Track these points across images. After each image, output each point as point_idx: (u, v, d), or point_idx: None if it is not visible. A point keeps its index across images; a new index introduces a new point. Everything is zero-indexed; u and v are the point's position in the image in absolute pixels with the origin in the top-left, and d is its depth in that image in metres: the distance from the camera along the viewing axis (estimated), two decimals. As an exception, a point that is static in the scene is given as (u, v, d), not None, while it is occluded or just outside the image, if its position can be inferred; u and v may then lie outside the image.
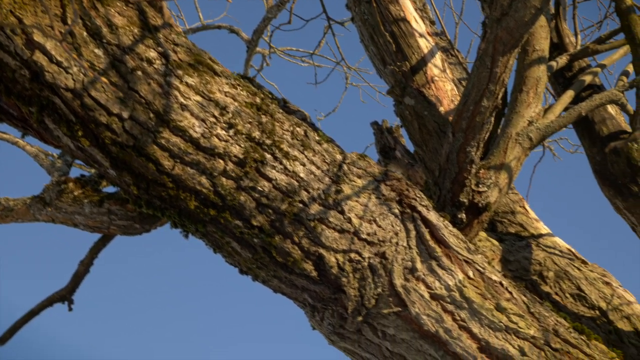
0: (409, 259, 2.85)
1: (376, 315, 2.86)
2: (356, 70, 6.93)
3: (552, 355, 2.83)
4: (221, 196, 2.64)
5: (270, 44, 6.84)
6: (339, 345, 3.03)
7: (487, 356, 2.81)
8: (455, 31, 6.29)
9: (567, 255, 3.77)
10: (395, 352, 2.90)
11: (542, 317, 2.91)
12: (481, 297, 2.87)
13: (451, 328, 2.83)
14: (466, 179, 3.19)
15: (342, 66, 6.91)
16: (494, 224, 3.91)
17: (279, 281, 2.84)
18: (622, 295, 3.70)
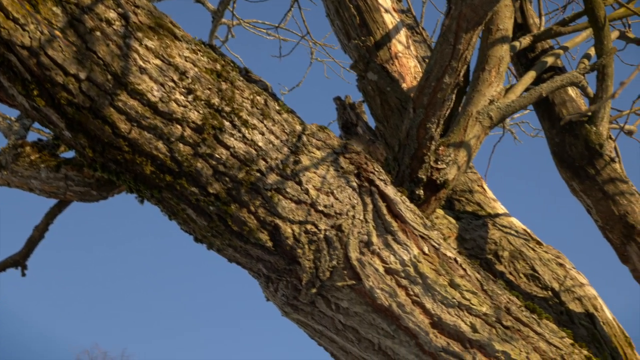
0: (365, 232, 2.85)
1: (330, 287, 2.85)
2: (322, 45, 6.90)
3: (503, 332, 2.85)
4: (178, 162, 2.61)
5: (235, 15, 6.79)
6: (292, 317, 3.03)
7: (439, 332, 2.82)
8: (422, 10, 6.29)
9: (523, 235, 3.79)
10: (348, 325, 2.90)
11: (495, 294, 2.93)
12: (435, 273, 2.88)
13: (404, 303, 2.83)
14: (425, 156, 3.18)
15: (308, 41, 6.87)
16: (452, 202, 3.93)
17: (233, 250, 2.83)
18: (575, 277, 3.74)
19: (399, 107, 3.91)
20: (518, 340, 2.85)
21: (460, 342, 2.82)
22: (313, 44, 7.00)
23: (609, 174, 3.40)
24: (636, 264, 3.37)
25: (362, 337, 2.90)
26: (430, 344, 2.81)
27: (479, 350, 2.81)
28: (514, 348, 2.83)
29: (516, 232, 3.78)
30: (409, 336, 2.83)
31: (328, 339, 3.02)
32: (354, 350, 2.97)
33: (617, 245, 3.41)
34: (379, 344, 2.88)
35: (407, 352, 2.84)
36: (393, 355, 2.87)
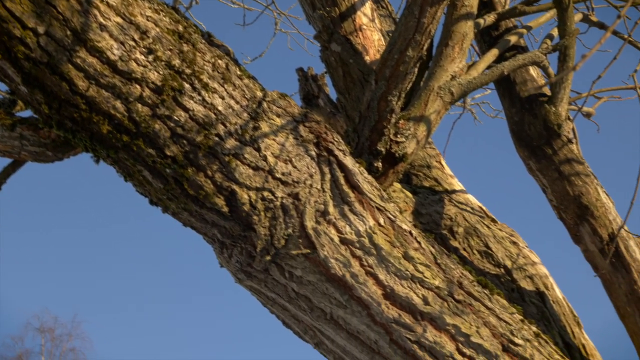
0: (321, 202, 2.84)
1: (285, 255, 2.85)
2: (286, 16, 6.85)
3: (454, 306, 2.87)
4: (135, 122, 2.58)
5: (200, -18, 6.70)
6: (246, 284, 3.02)
7: (391, 303, 2.84)
8: (388, -16, 6.27)
9: (478, 212, 3.82)
10: (301, 293, 2.90)
11: (448, 268, 2.95)
12: (390, 244, 2.88)
13: (358, 273, 2.84)
14: (385, 128, 3.18)
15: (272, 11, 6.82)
16: (409, 176, 3.94)
17: (189, 214, 2.81)
18: (527, 255, 3.78)
19: (361, 79, 3.90)
20: (469, 314, 2.87)
21: (412, 314, 2.83)
22: (278, 15, 6.95)
23: (565, 155, 3.43)
24: (588, 245, 3.41)
25: (315, 306, 2.90)
26: (381, 315, 2.82)
27: (430, 322, 2.83)
28: (465, 322, 2.85)
29: (472, 209, 3.80)
30: (361, 306, 2.84)
31: (280, 307, 3.03)
32: (305, 319, 2.98)
33: (571, 225, 3.45)
34: (331, 314, 2.89)
35: (358, 323, 2.85)
36: (344, 325, 2.88)
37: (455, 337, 2.83)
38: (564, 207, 3.44)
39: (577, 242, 3.47)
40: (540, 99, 3.52)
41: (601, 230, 3.39)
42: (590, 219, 3.40)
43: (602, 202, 3.41)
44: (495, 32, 3.75)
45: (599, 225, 3.39)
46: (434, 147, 4.09)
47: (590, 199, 3.40)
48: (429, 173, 3.94)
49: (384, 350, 2.85)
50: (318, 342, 3.07)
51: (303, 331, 3.08)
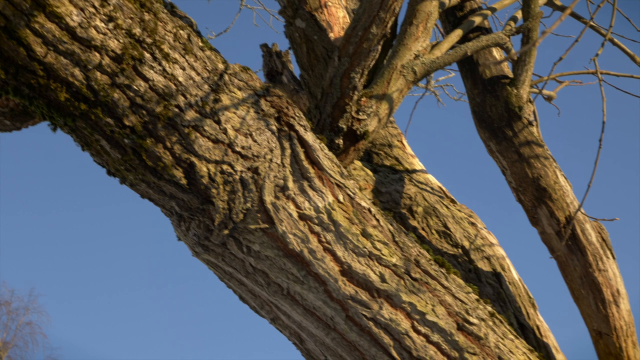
0: (281, 177, 2.83)
1: (243, 230, 2.84)
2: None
3: (411, 284, 2.88)
4: (94, 91, 2.55)
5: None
6: (203, 258, 3.01)
7: (348, 279, 2.84)
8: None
9: (438, 193, 3.83)
10: (258, 268, 2.89)
11: (406, 246, 2.95)
12: (349, 221, 2.88)
13: (316, 249, 2.84)
14: (347, 105, 3.17)
15: (238, -14, 6.76)
16: (370, 155, 3.94)
17: (147, 186, 2.78)
18: (485, 236, 3.80)
19: (325, 56, 3.89)
20: (425, 292, 2.88)
21: (369, 291, 2.84)
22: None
23: (525, 137, 3.45)
24: (545, 227, 3.44)
25: (272, 281, 2.90)
26: (338, 292, 2.82)
27: (386, 300, 2.84)
28: (421, 300, 2.86)
29: (431, 189, 3.81)
30: (318, 282, 2.84)
31: (237, 281, 3.01)
32: (262, 294, 2.97)
33: (529, 207, 3.47)
34: (287, 289, 2.88)
35: (315, 298, 2.85)
36: (301, 301, 2.88)
37: (410, 315, 2.84)
38: (522, 189, 3.46)
39: (534, 225, 3.50)
40: (502, 80, 3.53)
41: (558, 213, 3.42)
42: (548, 201, 3.42)
43: (560, 185, 3.44)
44: (459, 13, 3.75)
45: (556, 208, 3.42)
46: (395, 127, 4.09)
47: (549, 181, 3.43)
48: (390, 152, 3.95)
49: (339, 326, 2.85)
50: (274, 317, 3.06)
51: (259, 306, 3.08)
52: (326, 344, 2.92)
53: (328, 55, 3.87)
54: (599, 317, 3.41)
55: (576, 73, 3.82)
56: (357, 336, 2.84)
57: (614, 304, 3.41)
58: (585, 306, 3.45)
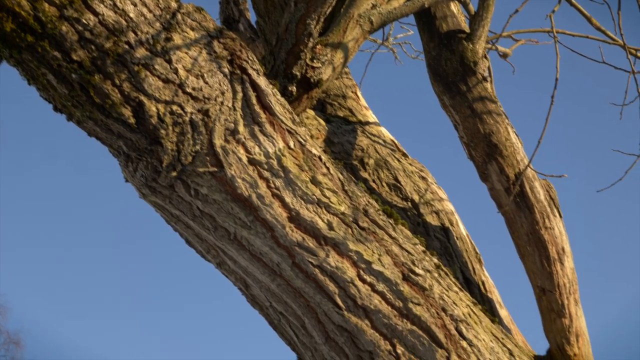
0: (232, 120, 2.80)
1: (191, 173, 2.81)
2: (212, -61, 6.68)
3: (358, 233, 2.87)
4: (41, 23, 2.48)
5: None
6: (150, 200, 2.97)
7: (295, 226, 2.83)
8: None
9: (390, 146, 3.82)
10: (205, 212, 2.87)
11: (355, 196, 2.94)
12: (298, 168, 2.86)
13: (264, 195, 2.82)
14: (302, 52, 3.14)
15: None
16: (324, 105, 3.91)
17: (94, 124, 2.73)
18: (435, 191, 3.81)
19: (282, 3, 3.83)
20: (372, 242, 2.88)
21: (316, 238, 2.83)
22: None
23: (479, 92, 3.44)
24: (494, 183, 3.45)
25: (219, 226, 2.88)
26: (285, 238, 2.81)
27: (333, 248, 2.83)
28: (367, 249, 2.86)
29: (384, 142, 3.81)
30: (265, 228, 2.83)
31: (184, 224, 2.99)
32: (209, 238, 2.95)
33: (479, 163, 3.47)
34: (234, 234, 2.87)
35: (261, 244, 2.83)
36: (248, 246, 2.87)
37: (357, 264, 2.84)
38: (474, 145, 3.46)
39: (484, 180, 3.50)
40: (459, 35, 3.52)
41: (508, 169, 3.43)
42: (499, 157, 3.43)
43: (511, 142, 3.45)
44: (419, -35, 3.71)
45: (506, 164, 3.43)
46: (350, 78, 4.06)
47: (500, 138, 3.43)
48: (344, 103, 3.92)
49: (285, 273, 2.84)
50: (220, 262, 3.05)
51: (206, 250, 3.05)
52: (271, 290, 2.91)
53: (285, 1, 3.81)
54: (543, 274, 3.44)
55: (532, 31, 3.82)
56: (303, 283, 2.83)
57: (558, 261, 3.45)
58: (530, 263, 3.48)
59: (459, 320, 2.89)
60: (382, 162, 3.72)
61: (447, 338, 2.84)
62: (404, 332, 2.82)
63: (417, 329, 2.83)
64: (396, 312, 2.83)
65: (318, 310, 2.85)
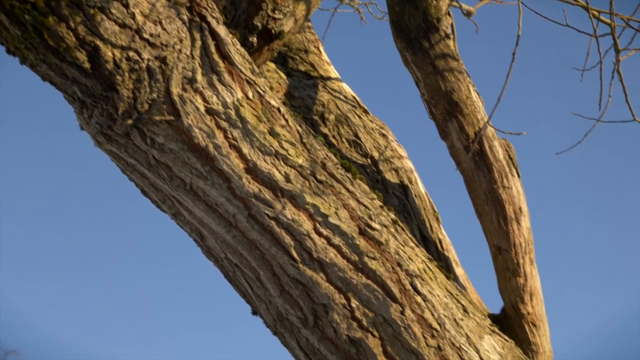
0: (190, 68, 2.76)
1: (147, 121, 2.76)
2: None
3: (316, 186, 2.86)
4: (-7, -40, 2.41)
5: None
6: (105, 148, 2.92)
7: (252, 177, 2.80)
8: None
9: (351, 102, 3.80)
10: (161, 161, 2.83)
11: (313, 149, 2.92)
12: (257, 119, 2.83)
13: (221, 145, 2.78)
14: (263, 2, 3.10)
15: None
16: (285, 58, 3.87)
17: (48, 67, 2.67)
18: (395, 148, 3.80)
19: (245, -47, 3.77)
20: (329, 195, 2.87)
21: (272, 190, 2.81)
22: None
23: (441, 49, 3.42)
24: (454, 141, 3.44)
25: (175, 175, 2.84)
26: (242, 189, 2.79)
27: (290, 200, 2.82)
28: (324, 202, 2.85)
29: (345, 98, 3.78)
30: (221, 179, 2.80)
31: (139, 174, 2.95)
32: (164, 188, 2.91)
33: (439, 121, 3.46)
34: (190, 184, 2.83)
35: (218, 195, 2.81)
36: (204, 197, 2.84)
37: (313, 217, 2.83)
38: (434, 102, 3.45)
39: (443, 138, 3.50)
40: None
41: (468, 127, 3.42)
42: (459, 115, 3.42)
43: (472, 101, 3.44)
44: None
45: (466, 122, 3.42)
46: (313, 32, 4.02)
47: (461, 96, 3.42)
48: (306, 57, 3.89)
49: (241, 224, 2.82)
50: (176, 212, 3.02)
51: (161, 201, 3.02)
52: (227, 242, 2.89)
53: (248, -48, 3.75)
54: (499, 233, 3.46)
55: (496, -11, 3.80)
56: (258, 235, 2.82)
57: (515, 221, 3.46)
58: (487, 222, 3.49)
59: (414, 276, 2.90)
60: (342, 118, 3.70)
61: (402, 293, 2.85)
62: (358, 286, 2.82)
63: (372, 283, 2.83)
64: (351, 266, 2.82)
65: (273, 263, 2.83)
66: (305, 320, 2.84)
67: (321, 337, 2.83)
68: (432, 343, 2.82)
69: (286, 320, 2.88)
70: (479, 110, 3.46)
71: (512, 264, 3.45)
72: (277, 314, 2.90)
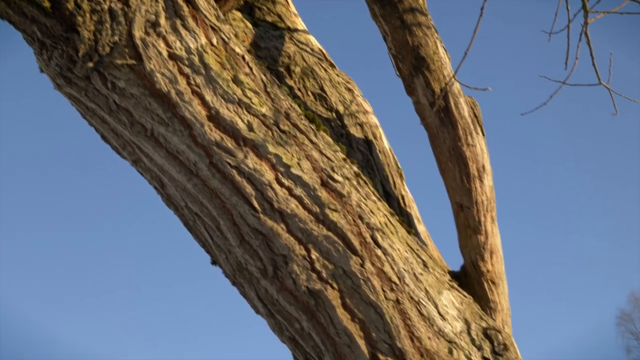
0: (153, 12, 2.70)
1: (108, 64, 2.71)
2: None
3: (279, 136, 2.82)
4: None
5: None
6: (65, 91, 2.87)
7: (214, 125, 2.76)
8: None
9: (318, 55, 3.76)
10: (122, 106, 2.78)
11: (277, 98, 2.89)
12: (220, 66, 2.79)
13: (184, 91, 2.74)
14: (230, -52, 3.04)
15: None
16: (252, 8, 3.80)
17: (6, 5, 2.60)
18: (361, 103, 3.77)
19: None
20: (292, 145, 2.84)
21: (235, 139, 2.78)
22: None
23: (410, 4, 3.38)
24: (420, 97, 3.42)
25: (136, 121, 2.80)
26: (203, 137, 2.75)
27: (252, 149, 2.78)
28: (287, 152, 2.82)
29: (311, 50, 3.74)
30: (183, 126, 2.76)
31: (100, 119, 2.90)
32: (125, 133, 2.87)
33: (406, 76, 3.43)
34: (151, 130, 2.79)
35: (179, 142, 2.77)
36: (164, 144, 2.80)
37: (275, 167, 2.80)
38: (401, 57, 3.41)
39: (409, 94, 3.47)
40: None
41: (434, 83, 3.40)
42: (426, 71, 3.40)
43: (439, 56, 3.41)
44: None
45: (433, 78, 3.40)
46: (281, -17, 3.95)
47: (428, 51, 3.39)
48: (273, 8, 3.82)
49: (202, 172, 2.79)
50: (136, 159, 2.97)
51: (122, 147, 2.98)
52: (187, 190, 2.85)
53: None
54: (462, 190, 3.45)
55: (468, -55, 3.76)
56: (219, 184, 2.78)
57: (478, 178, 3.45)
58: (450, 179, 3.48)
59: (375, 229, 2.89)
60: (308, 71, 3.66)
61: (362, 245, 2.84)
62: (319, 238, 2.80)
63: (333, 235, 2.81)
64: (312, 217, 2.81)
65: (234, 212, 2.81)
66: (265, 271, 2.82)
67: (280, 288, 2.82)
68: (391, 296, 2.82)
69: (245, 271, 2.87)
70: (445, 66, 3.43)
71: (473, 222, 3.45)
72: (236, 264, 2.88)
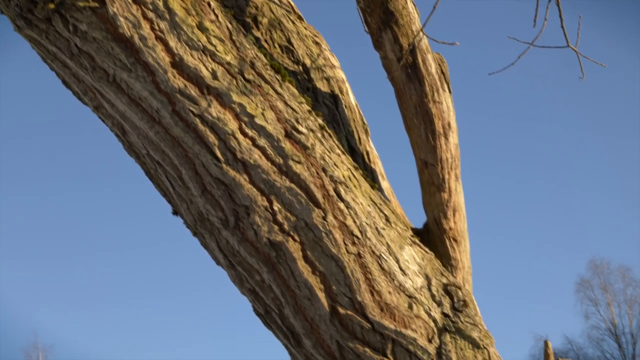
0: (117, -46, 2.64)
1: (70, 7, 2.65)
2: None
3: (243, 85, 2.79)
4: None
5: None
6: (25, 33, 2.80)
7: (178, 72, 2.72)
8: None
9: (286, 7, 3.71)
10: (84, 50, 2.73)
11: (243, 47, 2.85)
12: (185, 11, 2.74)
13: (147, 37, 2.69)
14: None
15: None
16: (220, -43, 3.74)
17: (-35, -59, 2.53)
18: (328, 57, 3.74)
19: None
20: (257, 95, 2.81)
21: (198, 87, 2.74)
22: None
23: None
24: (387, 52, 3.39)
25: (97, 66, 2.74)
26: (166, 83, 2.71)
27: (216, 98, 2.75)
28: (251, 102, 2.78)
29: (279, 2, 3.68)
30: (146, 72, 2.71)
31: (61, 62, 2.84)
32: (87, 79, 2.81)
33: (374, 30, 3.40)
34: (113, 76, 2.74)
35: (141, 88, 2.72)
36: (127, 90, 2.75)
37: (239, 116, 2.77)
38: (370, 11, 3.38)
39: (377, 49, 3.44)
40: None
41: (402, 39, 3.37)
42: (394, 26, 3.36)
43: (408, 11, 3.38)
44: None
45: (401, 33, 3.37)
46: None
47: (397, 5, 3.36)
48: (241, -43, 3.76)
49: (164, 120, 2.75)
50: (97, 105, 2.92)
51: (83, 92, 2.92)
52: (149, 138, 2.81)
53: None
54: (427, 147, 3.44)
55: None
56: (182, 132, 2.75)
57: (443, 136, 3.44)
58: (415, 136, 3.46)
59: (339, 182, 2.87)
60: (276, 23, 3.61)
61: (325, 198, 2.82)
62: (282, 189, 2.78)
63: (296, 186, 2.79)
64: (275, 169, 2.78)
65: (196, 162, 2.77)
66: (226, 222, 2.80)
67: (241, 239, 2.80)
68: (352, 250, 2.81)
69: (207, 221, 2.84)
70: (414, 21, 3.40)
71: (437, 179, 3.45)
72: (197, 214, 2.85)
